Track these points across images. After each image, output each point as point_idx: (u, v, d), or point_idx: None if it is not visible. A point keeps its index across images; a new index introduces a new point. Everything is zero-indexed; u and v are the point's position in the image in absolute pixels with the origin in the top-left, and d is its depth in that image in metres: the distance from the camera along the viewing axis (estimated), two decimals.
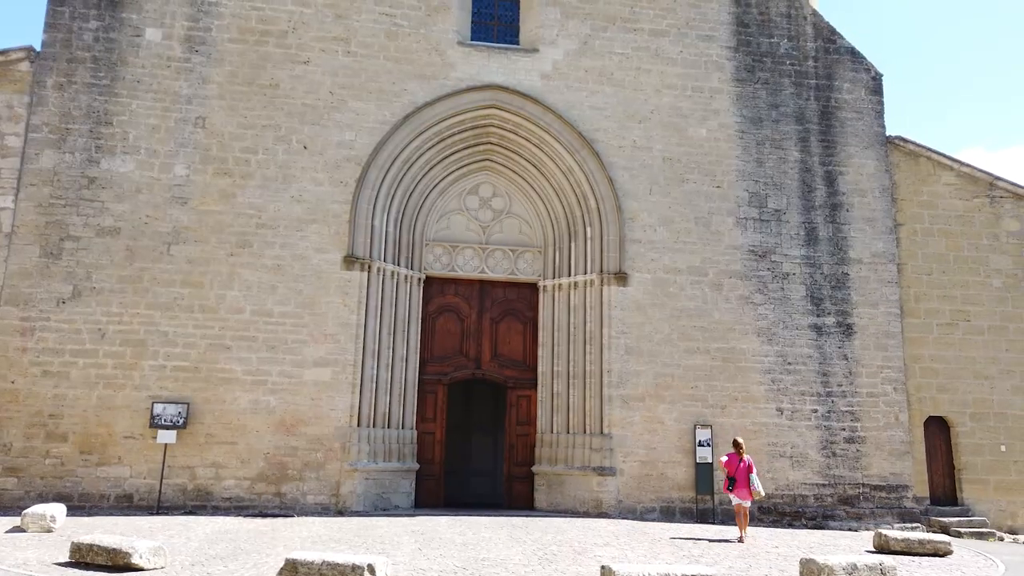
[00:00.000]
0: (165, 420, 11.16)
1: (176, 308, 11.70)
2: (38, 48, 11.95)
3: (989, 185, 13.77)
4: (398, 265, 12.86)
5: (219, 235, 12.02)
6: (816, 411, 12.82)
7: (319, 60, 12.78)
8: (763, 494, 9.95)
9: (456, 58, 13.19)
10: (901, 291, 13.40)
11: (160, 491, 11.05)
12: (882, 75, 14.10)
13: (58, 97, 11.93)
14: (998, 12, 41.29)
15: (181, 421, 11.21)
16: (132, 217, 11.83)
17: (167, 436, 11.12)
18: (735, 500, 9.91)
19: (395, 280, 12.77)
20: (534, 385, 13.19)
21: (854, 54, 14.19)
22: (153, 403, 11.23)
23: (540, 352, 13.27)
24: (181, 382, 11.49)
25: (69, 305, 11.44)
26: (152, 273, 11.74)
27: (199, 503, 11.17)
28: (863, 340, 13.15)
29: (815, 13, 14.26)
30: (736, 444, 10.05)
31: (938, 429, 13.25)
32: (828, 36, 14.19)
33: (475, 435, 15.56)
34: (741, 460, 9.83)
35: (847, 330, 13.18)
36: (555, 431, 12.79)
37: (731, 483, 9.82)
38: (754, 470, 9.85)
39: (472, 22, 13.75)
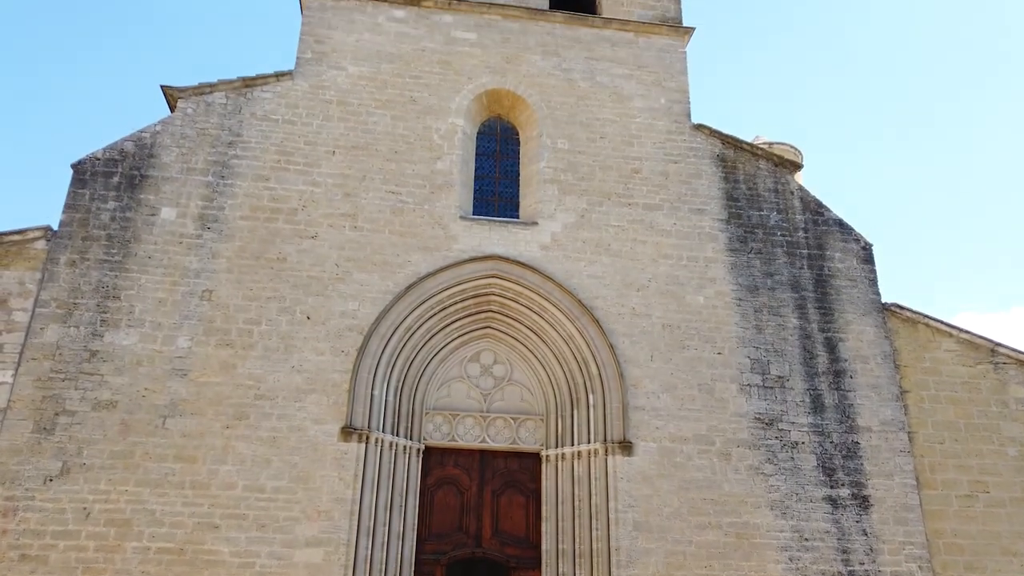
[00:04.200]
0: None
1: (166, 484, 11.31)
2: (55, 227, 12.43)
3: (991, 351, 13.76)
4: (397, 435, 12.58)
5: (216, 407, 11.86)
6: None
7: (326, 235, 13.24)
8: None
9: (458, 231, 13.68)
10: (915, 460, 12.99)
11: None
12: (872, 245, 14.54)
13: (69, 273, 12.24)
14: (980, 178, 43.49)
15: None
16: (130, 390, 11.73)
17: None
18: None
19: (393, 451, 12.44)
20: (538, 564, 12.45)
21: (842, 225, 14.72)
22: None
23: (544, 527, 12.65)
24: (164, 566, 10.86)
25: (56, 483, 11.06)
26: (145, 448, 11.45)
27: None
28: (881, 514, 12.57)
29: (801, 188, 14.96)
30: None
31: None
32: (815, 209, 14.80)
33: None
34: None
35: (863, 502, 12.63)
36: None
37: None
38: None
39: (474, 199, 14.43)
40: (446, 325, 13.49)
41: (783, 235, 14.48)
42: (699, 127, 15.10)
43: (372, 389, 12.42)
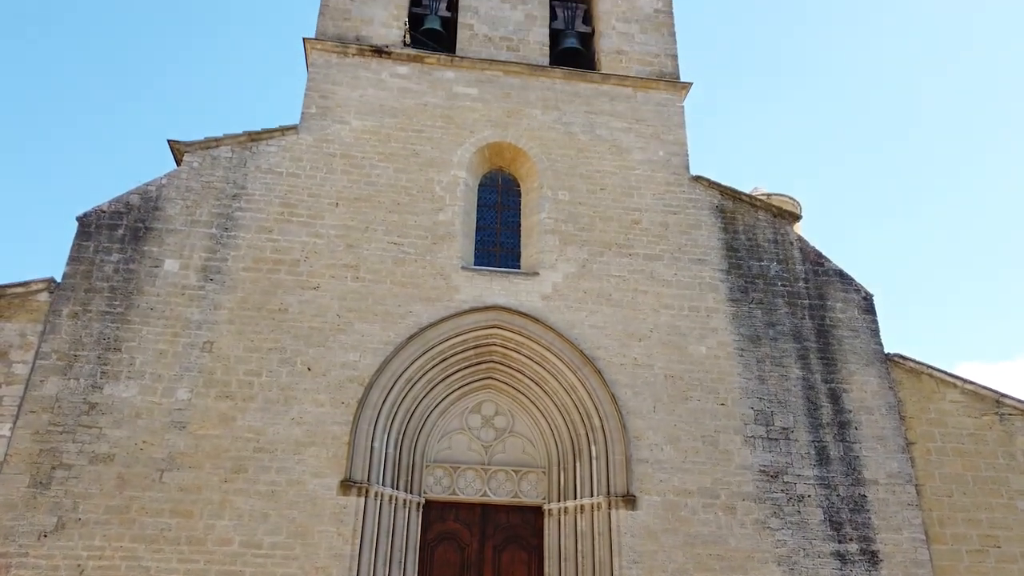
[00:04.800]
0: None
1: (162, 540, 11.10)
2: (58, 279, 12.48)
3: (996, 402, 13.65)
4: (397, 489, 12.40)
5: (215, 460, 11.72)
6: None
7: (328, 285, 13.28)
8: None
9: (460, 281, 13.72)
10: (923, 514, 12.76)
11: None
12: (872, 295, 14.57)
13: (71, 325, 12.24)
14: (981, 226, 43.81)
15: None
16: (128, 443, 11.62)
17: None
18: None
19: (393, 505, 12.24)
20: None
21: (843, 276, 14.76)
22: None
23: None
24: None
25: (51, 539, 10.87)
26: (141, 502, 11.28)
27: None
28: (891, 570, 12.29)
29: (800, 239, 15.06)
30: None
31: None
32: (815, 259, 14.86)
33: None
34: None
35: (872, 558, 12.37)
36: None
37: None
38: None
39: (476, 250, 14.52)
40: (447, 376, 13.42)
41: (784, 285, 14.51)
42: (698, 179, 15.29)
43: (372, 441, 12.29)
